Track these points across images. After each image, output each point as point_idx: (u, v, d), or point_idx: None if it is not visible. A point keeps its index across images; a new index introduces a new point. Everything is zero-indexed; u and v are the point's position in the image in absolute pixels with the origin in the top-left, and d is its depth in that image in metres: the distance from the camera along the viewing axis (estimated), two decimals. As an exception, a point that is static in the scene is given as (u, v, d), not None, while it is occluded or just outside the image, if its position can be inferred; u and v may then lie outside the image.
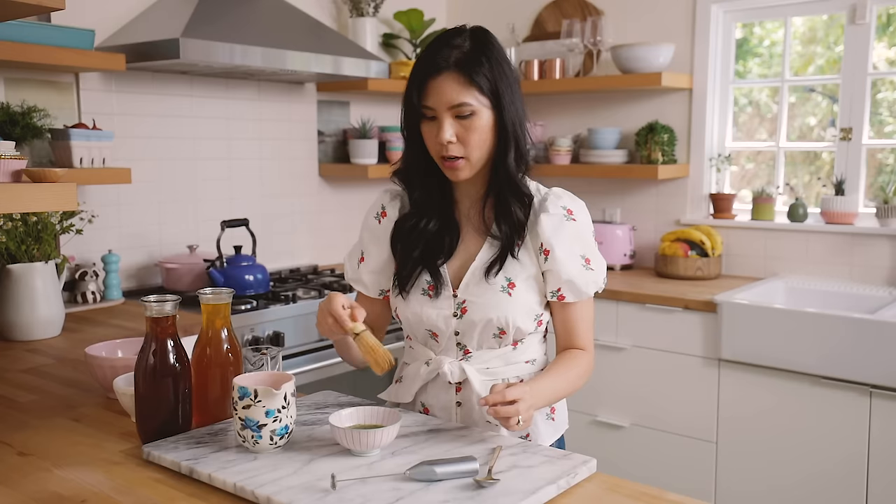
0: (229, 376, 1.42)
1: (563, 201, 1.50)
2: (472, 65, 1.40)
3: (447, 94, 1.40)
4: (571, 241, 1.48)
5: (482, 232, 1.51)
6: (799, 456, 2.67)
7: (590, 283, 1.48)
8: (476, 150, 1.43)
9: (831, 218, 3.09)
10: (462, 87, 1.40)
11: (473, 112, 1.41)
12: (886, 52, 3.12)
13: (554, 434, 1.56)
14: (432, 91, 1.41)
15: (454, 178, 1.47)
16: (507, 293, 1.46)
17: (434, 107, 1.41)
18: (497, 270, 1.46)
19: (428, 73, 1.41)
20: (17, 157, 1.40)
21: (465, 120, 1.41)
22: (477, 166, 1.46)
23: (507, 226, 1.47)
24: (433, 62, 1.41)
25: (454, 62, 1.40)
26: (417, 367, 1.55)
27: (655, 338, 2.97)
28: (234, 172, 3.19)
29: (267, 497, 1.13)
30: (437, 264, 1.50)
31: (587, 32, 3.47)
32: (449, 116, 1.41)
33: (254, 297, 2.70)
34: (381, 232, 1.58)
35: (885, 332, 2.47)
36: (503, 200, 1.48)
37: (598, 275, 1.50)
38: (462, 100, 1.40)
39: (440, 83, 1.40)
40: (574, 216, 1.49)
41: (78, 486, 1.23)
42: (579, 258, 1.48)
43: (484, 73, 1.40)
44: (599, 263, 1.51)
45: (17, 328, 2.21)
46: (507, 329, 1.47)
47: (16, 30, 2.25)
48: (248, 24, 2.77)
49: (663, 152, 3.33)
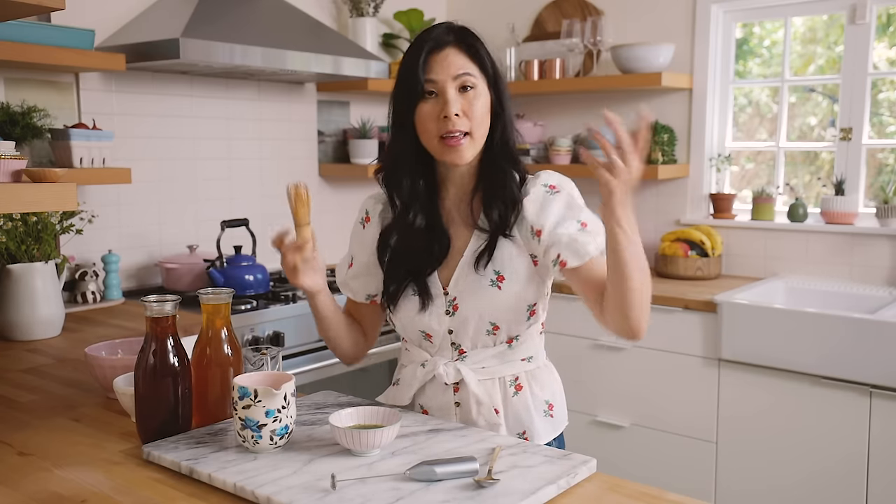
0: (229, 376, 1.42)
1: (541, 179, 1.48)
2: (473, 40, 1.45)
3: (453, 64, 1.41)
4: (562, 210, 1.44)
5: (470, 225, 1.50)
6: (799, 456, 2.67)
7: (589, 242, 1.42)
8: (479, 126, 1.43)
9: (831, 218, 3.09)
10: (466, 59, 1.43)
11: (475, 86, 1.42)
12: (887, 52, 3.12)
13: (552, 432, 1.55)
14: (436, 64, 1.42)
15: (456, 158, 1.43)
16: (496, 286, 1.45)
17: (438, 79, 1.41)
18: (486, 261, 1.45)
19: (431, 49, 1.43)
20: (17, 157, 1.40)
21: (467, 93, 1.42)
22: (477, 146, 1.45)
23: (498, 208, 1.45)
24: (435, 38, 1.43)
25: (455, 38, 1.44)
26: (413, 369, 1.55)
27: (655, 338, 2.97)
28: (234, 172, 3.19)
29: (267, 497, 1.13)
30: (425, 276, 1.49)
31: (587, 32, 3.47)
32: (453, 88, 1.41)
33: (254, 297, 2.70)
34: (364, 237, 1.58)
35: (885, 332, 2.47)
36: (498, 183, 1.46)
37: (599, 237, 1.42)
38: (467, 69, 1.42)
39: (444, 56, 1.42)
40: (557, 189, 1.46)
41: (78, 486, 1.23)
42: (575, 223, 1.43)
43: (482, 50, 1.45)
44: (599, 229, 1.43)
45: (17, 328, 2.21)
46: (499, 323, 1.47)
47: (16, 30, 2.25)
48: (248, 24, 2.77)
49: (663, 152, 3.33)
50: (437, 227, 1.50)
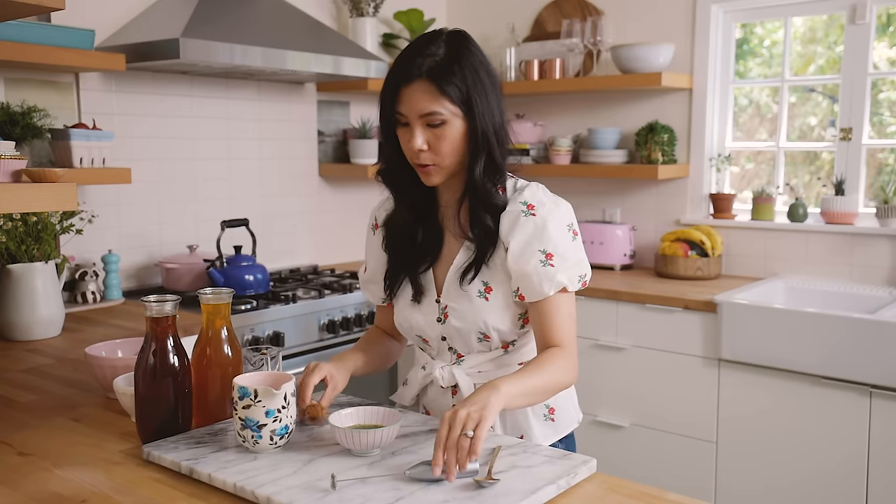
0: (229, 376, 1.42)
1: (523, 197, 1.45)
2: (444, 73, 1.37)
3: (418, 102, 1.38)
4: (528, 237, 1.42)
5: (460, 235, 1.50)
6: (799, 456, 2.67)
7: (545, 281, 1.40)
8: (447, 157, 1.41)
9: (831, 218, 3.09)
10: (433, 96, 1.37)
11: (444, 121, 1.38)
12: (887, 52, 3.12)
13: (553, 435, 1.55)
14: (405, 99, 1.39)
15: (427, 182, 1.45)
16: (484, 298, 1.46)
17: (406, 114, 1.40)
18: (471, 278, 1.45)
19: (400, 81, 1.39)
20: (17, 157, 1.40)
21: (435, 129, 1.39)
22: (450, 171, 1.44)
23: (480, 225, 1.45)
24: (406, 70, 1.39)
25: (426, 70, 1.37)
26: (416, 370, 1.59)
27: (655, 338, 2.97)
28: (234, 172, 3.19)
29: (267, 497, 1.13)
30: (417, 272, 1.51)
31: (587, 32, 3.47)
32: (420, 124, 1.39)
33: (254, 297, 2.70)
34: (374, 243, 1.62)
35: (885, 332, 2.47)
36: (474, 207, 1.45)
37: (561, 273, 1.41)
38: (432, 109, 1.37)
39: (412, 92, 1.38)
40: (534, 211, 1.43)
41: (78, 486, 1.23)
42: (537, 254, 1.41)
43: (455, 82, 1.37)
44: (570, 260, 1.43)
45: (17, 328, 2.21)
46: (489, 333, 1.47)
47: (16, 30, 2.25)
48: (248, 24, 2.77)
49: (663, 152, 3.33)
50: (433, 227, 1.52)
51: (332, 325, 2.77)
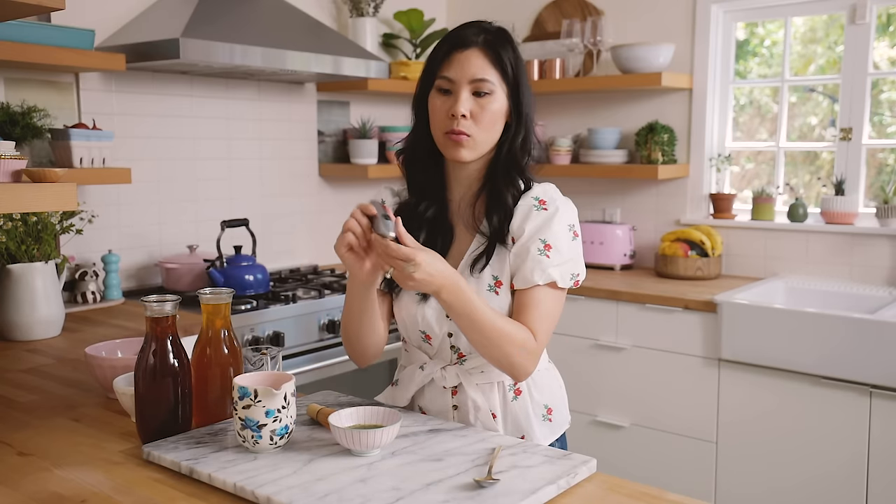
0: (229, 376, 1.42)
1: (535, 193, 1.48)
2: (500, 47, 1.44)
3: (472, 67, 1.42)
4: (537, 226, 1.44)
5: (472, 228, 1.50)
6: (799, 456, 2.67)
7: (536, 270, 1.41)
8: (485, 131, 1.43)
9: (831, 218, 3.09)
10: (488, 64, 1.43)
11: (492, 92, 1.43)
12: (887, 52, 3.12)
13: (551, 436, 1.55)
14: (456, 63, 1.43)
15: (455, 155, 1.44)
16: (494, 292, 1.46)
17: (455, 79, 1.42)
18: (483, 265, 1.45)
19: (455, 46, 1.44)
20: (17, 157, 1.40)
21: (481, 98, 1.42)
22: (479, 150, 1.45)
23: (497, 215, 1.46)
24: (463, 37, 1.44)
25: (483, 41, 1.44)
26: (413, 371, 1.56)
27: (655, 338, 2.97)
28: (234, 172, 3.19)
29: (267, 497, 1.13)
30: None
31: (587, 32, 3.47)
32: (467, 91, 1.42)
33: (254, 297, 2.70)
34: None
35: (885, 332, 2.47)
36: (497, 189, 1.46)
37: (554, 267, 1.41)
38: (484, 76, 1.42)
39: (467, 56, 1.43)
40: (546, 206, 1.45)
41: (78, 486, 1.23)
42: (537, 242, 1.43)
43: (508, 58, 1.44)
44: (565, 256, 1.43)
45: (17, 328, 2.21)
46: None
47: (16, 30, 2.25)
48: (248, 24, 2.77)
49: (663, 152, 3.33)
50: (444, 221, 1.52)
51: (332, 325, 2.77)
